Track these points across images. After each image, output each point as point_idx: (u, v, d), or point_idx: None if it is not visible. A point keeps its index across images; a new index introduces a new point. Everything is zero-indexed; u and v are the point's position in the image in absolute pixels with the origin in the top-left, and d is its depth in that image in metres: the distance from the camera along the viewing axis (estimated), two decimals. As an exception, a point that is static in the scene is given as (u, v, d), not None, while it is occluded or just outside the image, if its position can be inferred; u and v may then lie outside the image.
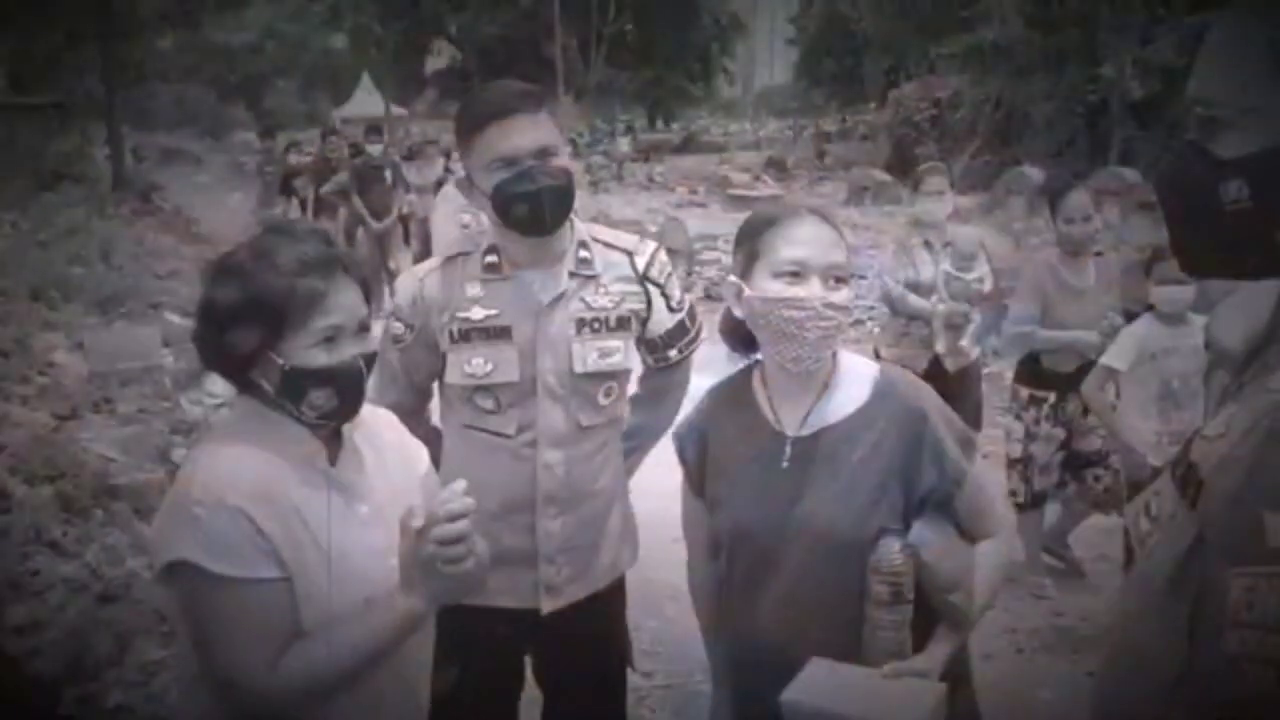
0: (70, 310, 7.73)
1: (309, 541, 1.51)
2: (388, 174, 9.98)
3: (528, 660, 2.36)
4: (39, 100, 19.14)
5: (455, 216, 5.75)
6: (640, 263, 2.22)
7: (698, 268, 10.81)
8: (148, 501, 4.51)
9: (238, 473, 1.49)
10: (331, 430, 1.60)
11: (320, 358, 1.51)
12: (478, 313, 2.10)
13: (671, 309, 2.26)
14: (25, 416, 4.98)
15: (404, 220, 9.92)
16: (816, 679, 1.49)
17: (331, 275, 1.52)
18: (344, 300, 1.53)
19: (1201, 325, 3.27)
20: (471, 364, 2.09)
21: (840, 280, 1.70)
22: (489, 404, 2.12)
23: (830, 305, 1.67)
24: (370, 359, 1.57)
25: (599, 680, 2.33)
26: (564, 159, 2.09)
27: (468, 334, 2.10)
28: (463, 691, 2.15)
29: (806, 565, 1.69)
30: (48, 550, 3.85)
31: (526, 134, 2.02)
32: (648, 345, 2.26)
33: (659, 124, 40.62)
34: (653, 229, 12.05)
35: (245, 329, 1.49)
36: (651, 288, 2.22)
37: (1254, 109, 0.89)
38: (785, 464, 1.73)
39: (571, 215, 2.13)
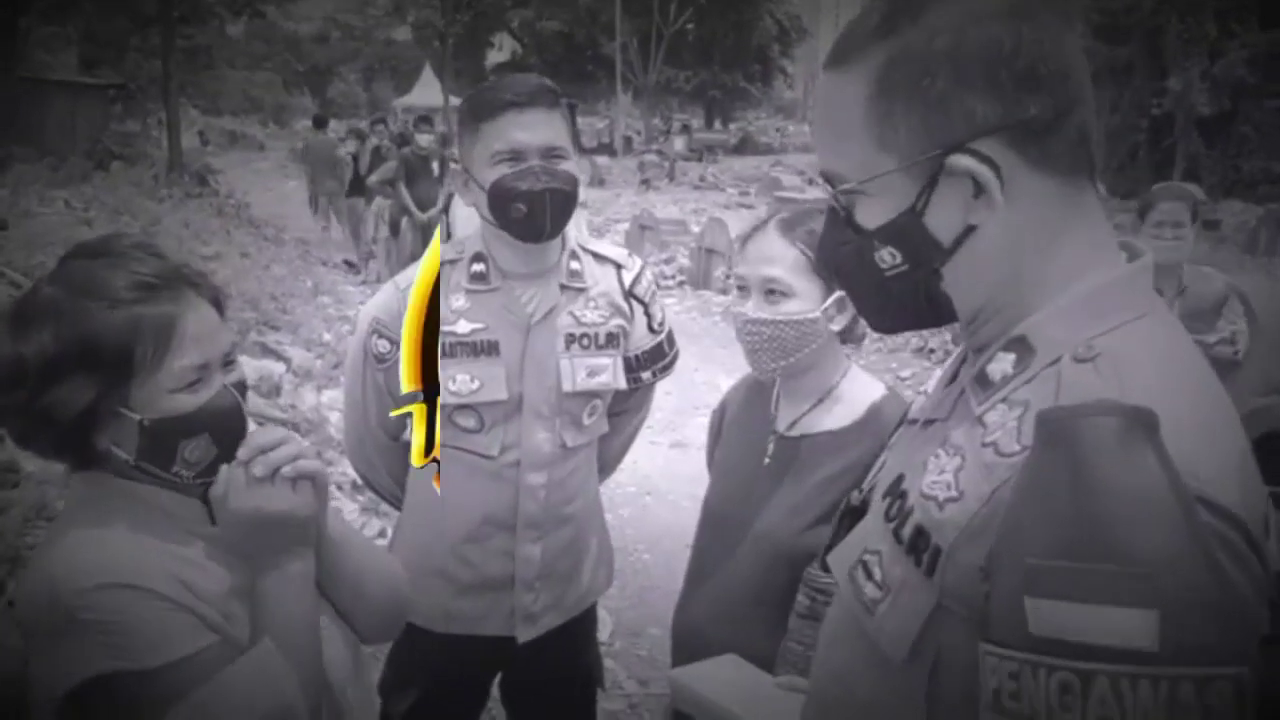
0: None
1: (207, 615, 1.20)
2: (434, 165, 10.02)
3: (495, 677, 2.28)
4: (103, 81, 19.61)
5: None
6: (627, 278, 2.13)
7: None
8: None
9: (107, 555, 1.15)
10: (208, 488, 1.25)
11: (187, 401, 1.19)
12: (463, 326, 1.97)
13: (652, 329, 2.18)
14: (45, 391, 5.02)
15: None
16: (714, 669, 1.45)
17: (181, 296, 1.21)
18: (202, 326, 1.21)
19: None
20: (456, 381, 1.95)
21: (784, 295, 1.67)
22: (471, 423, 1.98)
23: (753, 321, 1.67)
24: (241, 387, 1.26)
25: (569, 702, 2.25)
26: (571, 164, 1.97)
27: (452, 349, 1.96)
28: (423, 711, 2.10)
29: (748, 564, 1.69)
30: (49, 525, 3.84)
31: (540, 129, 1.92)
32: (623, 364, 2.15)
33: (716, 124, 40.51)
34: (696, 229, 11.97)
35: (77, 384, 1.15)
36: (635, 304, 2.14)
37: (877, 178, 0.88)
38: (767, 460, 1.75)
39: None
